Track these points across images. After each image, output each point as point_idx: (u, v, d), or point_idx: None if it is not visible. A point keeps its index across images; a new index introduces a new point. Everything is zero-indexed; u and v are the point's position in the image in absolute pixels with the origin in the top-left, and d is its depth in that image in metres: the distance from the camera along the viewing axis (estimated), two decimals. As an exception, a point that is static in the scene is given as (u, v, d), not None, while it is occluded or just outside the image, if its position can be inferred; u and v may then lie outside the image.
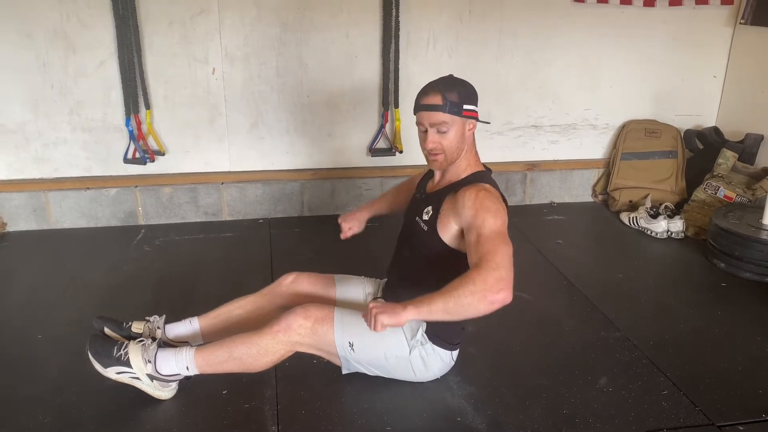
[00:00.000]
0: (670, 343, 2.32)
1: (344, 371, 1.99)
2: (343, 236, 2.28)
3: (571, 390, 2.03)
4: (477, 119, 1.89)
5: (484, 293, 1.57)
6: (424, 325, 1.93)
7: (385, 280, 2.17)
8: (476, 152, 1.97)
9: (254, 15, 3.15)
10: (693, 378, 2.11)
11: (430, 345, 1.94)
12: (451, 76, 1.90)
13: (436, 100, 1.81)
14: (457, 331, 2.01)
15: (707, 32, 3.64)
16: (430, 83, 1.87)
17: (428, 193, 2.00)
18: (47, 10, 2.96)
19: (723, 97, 3.78)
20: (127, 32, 2.99)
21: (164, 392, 1.90)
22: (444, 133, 1.83)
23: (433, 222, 1.88)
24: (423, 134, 1.88)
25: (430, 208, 1.92)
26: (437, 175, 2.00)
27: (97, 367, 1.87)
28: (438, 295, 1.61)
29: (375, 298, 2.12)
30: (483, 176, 1.92)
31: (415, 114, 1.90)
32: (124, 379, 1.87)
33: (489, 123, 1.89)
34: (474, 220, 1.74)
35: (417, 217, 1.95)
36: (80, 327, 2.25)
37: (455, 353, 2.04)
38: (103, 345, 1.89)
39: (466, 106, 1.83)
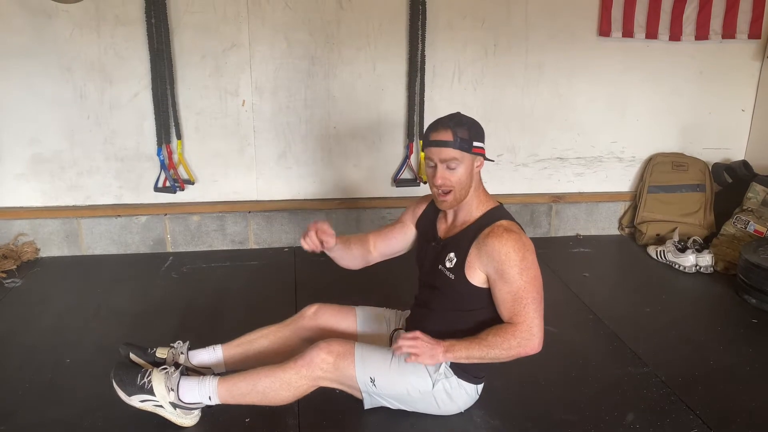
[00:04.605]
0: (700, 380, 2.27)
1: (366, 406, 1.97)
2: (308, 238, 1.88)
3: (597, 426, 1.99)
4: (484, 156, 1.90)
5: (518, 353, 1.81)
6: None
7: (408, 312, 2.17)
8: (484, 189, 1.96)
9: (284, 48, 3.23)
10: (724, 417, 2.05)
11: (455, 378, 1.93)
12: (459, 114, 1.90)
13: (446, 136, 1.82)
14: (482, 365, 2.00)
15: (735, 66, 3.63)
16: (439, 119, 1.88)
17: (445, 239, 1.97)
18: (87, 44, 3.08)
19: (752, 130, 3.75)
20: (161, 65, 3.09)
21: (187, 420, 1.91)
22: (453, 169, 1.84)
23: (459, 269, 1.87)
24: (432, 170, 1.87)
25: (453, 254, 1.90)
26: (449, 217, 1.98)
27: (121, 395, 1.88)
28: (476, 345, 1.79)
29: (396, 330, 2.11)
30: (498, 213, 1.91)
31: (423, 150, 1.91)
32: (148, 407, 1.88)
33: (494, 161, 1.88)
34: (503, 275, 1.79)
35: (440, 266, 1.93)
36: (108, 352, 2.29)
37: (480, 387, 2.02)
38: (127, 373, 1.91)
39: (475, 143, 1.84)
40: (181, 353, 2.08)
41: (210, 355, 2.10)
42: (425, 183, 3.47)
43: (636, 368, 2.34)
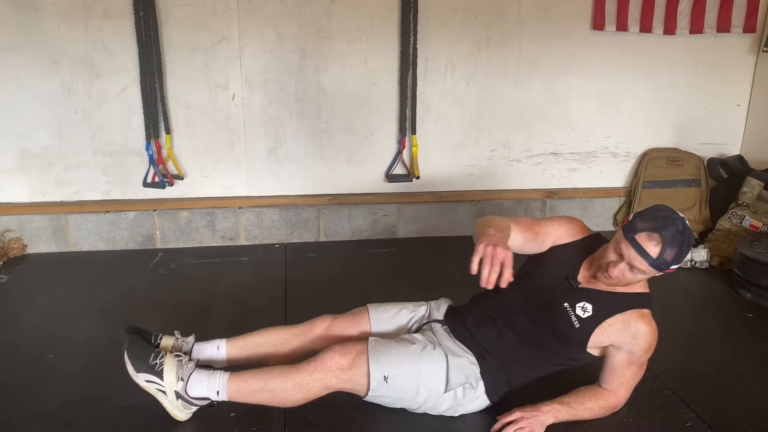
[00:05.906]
0: (694, 374, 2.25)
1: (364, 398, 1.91)
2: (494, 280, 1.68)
3: (590, 420, 1.95)
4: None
5: (606, 414, 1.94)
6: (478, 369, 1.90)
7: (448, 305, 2.11)
8: None
9: (274, 42, 3.19)
10: (718, 411, 2.03)
11: (482, 391, 1.91)
12: (680, 224, 1.72)
13: (652, 250, 1.70)
14: (520, 388, 1.99)
15: (730, 60, 3.61)
16: (659, 217, 1.73)
17: (584, 288, 1.91)
18: (74, 38, 3.04)
19: (747, 125, 3.72)
20: (150, 59, 3.05)
21: (182, 413, 1.86)
22: (634, 274, 1.78)
23: (590, 327, 1.85)
24: (615, 257, 1.78)
25: (590, 307, 1.86)
26: (594, 267, 1.90)
27: (130, 369, 1.83)
28: (579, 412, 1.90)
29: (428, 322, 2.07)
30: (650, 300, 1.90)
31: (624, 235, 1.75)
32: (150, 388, 1.83)
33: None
34: (635, 357, 1.87)
35: (567, 304, 1.89)
36: (92, 348, 2.28)
37: (489, 404, 1.98)
38: (141, 349, 1.86)
39: (673, 266, 1.74)
40: (185, 352, 2.00)
41: (213, 353, 2.03)
42: (418, 178, 3.43)
43: (629, 362, 2.30)
